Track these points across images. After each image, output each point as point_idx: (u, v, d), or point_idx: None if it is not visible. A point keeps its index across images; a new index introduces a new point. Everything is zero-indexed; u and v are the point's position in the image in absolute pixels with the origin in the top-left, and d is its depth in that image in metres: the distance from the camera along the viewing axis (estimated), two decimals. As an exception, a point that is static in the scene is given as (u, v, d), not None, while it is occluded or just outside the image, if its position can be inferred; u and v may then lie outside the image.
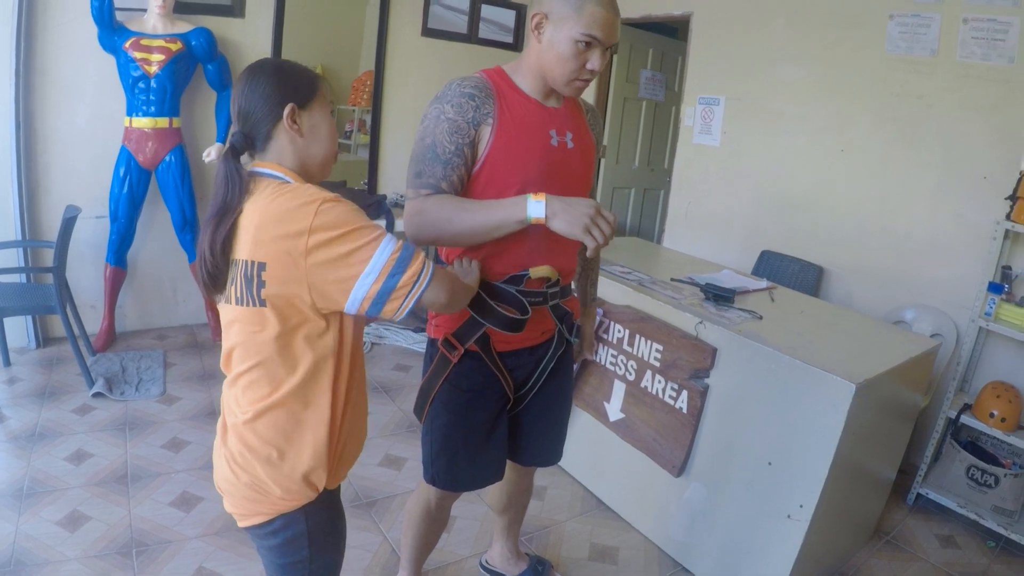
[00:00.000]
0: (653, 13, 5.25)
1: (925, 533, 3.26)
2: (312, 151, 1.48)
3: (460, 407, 1.96)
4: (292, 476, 1.45)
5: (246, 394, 1.44)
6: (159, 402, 3.73)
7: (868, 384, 2.29)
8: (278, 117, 1.41)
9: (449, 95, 1.74)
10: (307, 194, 1.33)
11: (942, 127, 3.63)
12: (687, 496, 2.76)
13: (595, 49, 1.72)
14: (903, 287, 3.83)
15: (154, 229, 4.47)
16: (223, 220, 1.36)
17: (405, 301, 1.38)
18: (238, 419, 1.45)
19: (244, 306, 1.37)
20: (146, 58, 3.92)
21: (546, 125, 1.83)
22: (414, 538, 2.25)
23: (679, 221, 5.19)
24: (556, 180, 1.83)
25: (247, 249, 1.34)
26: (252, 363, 1.41)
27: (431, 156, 1.73)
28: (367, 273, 1.33)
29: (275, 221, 1.32)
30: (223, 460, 1.50)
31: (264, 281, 1.33)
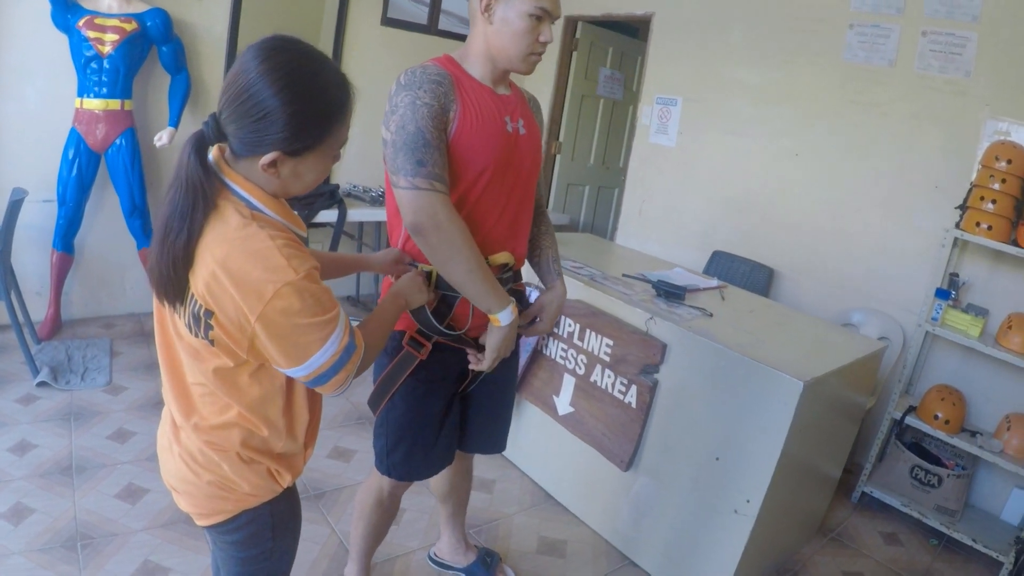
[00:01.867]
0: (614, 12, 5.27)
1: (869, 530, 3.32)
2: (287, 189, 1.32)
3: (417, 398, 1.95)
4: (260, 473, 1.42)
5: (204, 402, 1.38)
6: (105, 392, 3.64)
7: (816, 382, 2.32)
8: (259, 152, 1.22)
9: (418, 81, 1.69)
10: (271, 266, 1.20)
11: (896, 136, 3.70)
12: (635, 490, 2.77)
13: (545, 22, 1.76)
14: (852, 290, 3.90)
15: (102, 214, 4.36)
16: (178, 237, 1.21)
17: (334, 391, 1.36)
18: (198, 423, 1.38)
19: (193, 336, 1.30)
20: (100, 38, 3.82)
21: (501, 112, 1.83)
22: (364, 529, 2.23)
23: (632, 219, 5.21)
24: (512, 166, 1.85)
25: (200, 287, 1.23)
26: (203, 380, 1.35)
27: (423, 143, 1.65)
28: (303, 367, 1.28)
29: (231, 280, 1.20)
30: (177, 458, 1.42)
31: (212, 326, 1.25)
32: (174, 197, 1.21)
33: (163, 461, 1.48)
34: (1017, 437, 3.12)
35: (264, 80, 1.17)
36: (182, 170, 1.20)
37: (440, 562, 2.64)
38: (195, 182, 1.20)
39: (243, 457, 1.39)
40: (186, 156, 1.20)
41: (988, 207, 3.11)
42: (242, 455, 1.39)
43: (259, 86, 1.17)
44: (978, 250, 3.38)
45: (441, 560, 2.64)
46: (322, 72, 1.25)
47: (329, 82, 1.26)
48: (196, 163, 1.20)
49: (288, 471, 1.47)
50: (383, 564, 2.63)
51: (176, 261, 1.22)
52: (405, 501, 2.88)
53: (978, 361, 3.42)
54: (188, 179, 1.20)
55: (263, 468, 1.42)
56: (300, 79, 1.21)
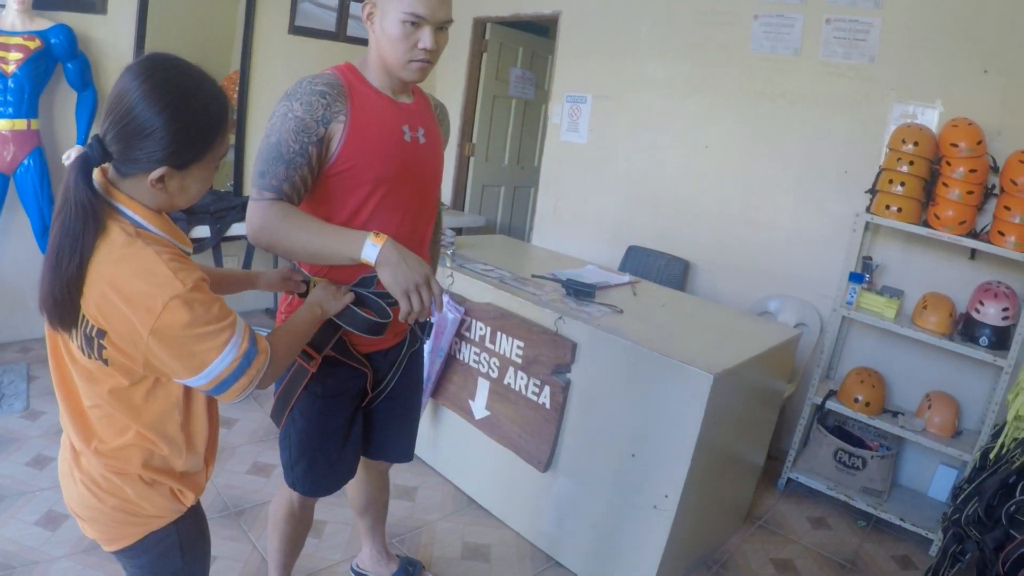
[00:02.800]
0: (522, 12, 5.27)
1: (797, 516, 3.36)
2: (172, 203, 1.34)
3: (316, 413, 1.93)
4: (163, 493, 1.43)
5: (100, 427, 1.37)
6: (22, 417, 3.54)
7: (727, 373, 2.34)
8: (146, 169, 1.24)
9: (299, 93, 1.69)
10: (158, 281, 1.22)
11: (805, 123, 3.76)
12: (555, 491, 2.77)
13: (423, 27, 1.71)
14: (768, 279, 3.95)
15: (14, 236, 4.23)
16: (71, 261, 1.21)
17: (235, 398, 1.35)
18: (98, 446, 1.38)
19: (86, 357, 1.30)
20: (3, 57, 3.72)
21: (398, 120, 1.82)
22: (280, 541, 2.20)
23: (548, 218, 5.23)
24: (410, 176, 1.83)
25: (91, 307, 1.24)
26: (99, 403, 1.35)
27: (275, 155, 1.67)
28: (202, 376, 1.29)
29: (121, 297, 1.22)
30: (79, 485, 1.41)
31: (104, 346, 1.26)
32: (64, 221, 1.22)
33: (65, 488, 1.47)
34: (938, 415, 3.20)
35: (146, 100, 1.20)
36: (70, 193, 1.21)
37: (362, 574, 2.62)
38: (84, 204, 1.21)
39: (145, 479, 1.40)
40: (72, 179, 1.22)
41: (897, 190, 3.16)
42: (144, 477, 1.39)
43: (142, 106, 1.20)
44: (890, 233, 3.44)
45: (363, 572, 2.62)
46: (202, 87, 1.29)
47: (209, 97, 1.29)
48: (84, 185, 1.22)
49: (191, 490, 1.47)
50: (305, 578, 2.61)
51: (70, 285, 1.23)
52: (325, 514, 2.86)
53: (895, 342, 3.48)
54: (77, 202, 1.21)
55: (166, 488, 1.43)
56: (181, 96, 1.24)
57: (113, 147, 1.23)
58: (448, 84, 5.67)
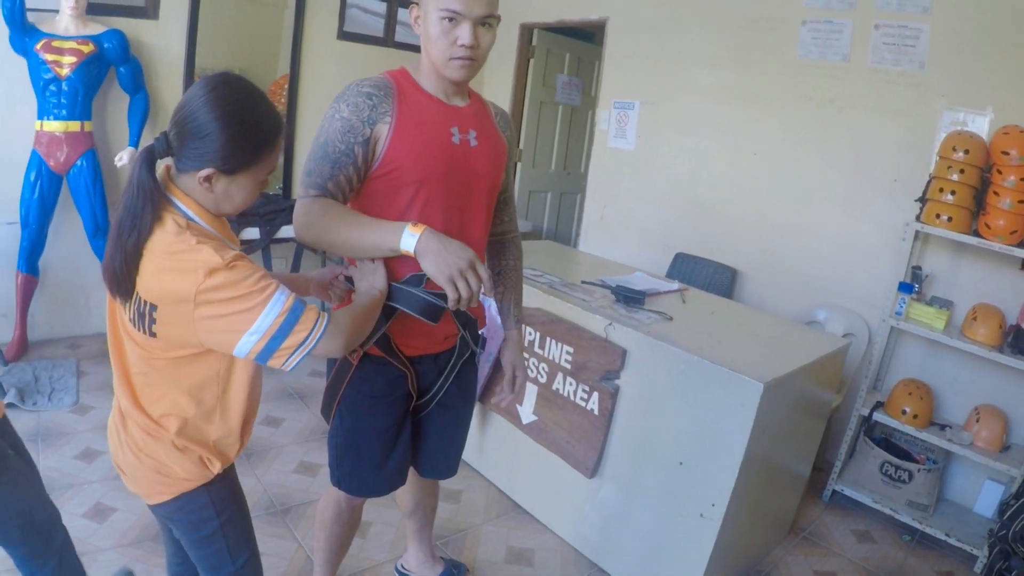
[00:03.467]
0: (568, 18, 5.28)
1: (841, 529, 3.32)
2: (219, 207, 1.46)
3: (363, 412, 1.94)
4: (192, 460, 1.56)
5: (143, 392, 1.52)
6: (72, 412, 3.61)
7: (776, 383, 2.32)
8: (198, 168, 1.38)
9: (347, 95, 1.73)
10: (199, 259, 1.34)
11: (853, 131, 3.72)
12: (601, 497, 2.77)
13: (462, 23, 1.70)
14: (815, 288, 3.91)
15: (66, 235, 4.32)
16: (130, 236, 1.36)
17: (291, 358, 1.44)
18: (140, 411, 1.53)
19: (137, 330, 1.43)
20: (57, 60, 3.81)
21: (447, 122, 1.82)
22: (327, 541, 2.22)
23: (595, 224, 5.23)
24: (458, 177, 1.83)
25: (144, 285, 1.38)
26: (145, 370, 1.50)
27: (321, 155, 1.72)
28: (251, 332, 1.38)
29: (167, 275, 1.36)
30: (123, 445, 1.58)
31: (155, 319, 1.39)
32: (127, 202, 1.37)
33: (112, 445, 1.64)
34: (986, 429, 3.14)
35: (206, 106, 1.35)
36: (134, 178, 1.37)
37: (407, 575, 2.63)
38: (145, 188, 1.36)
39: (177, 445, 1.54)
40: (138, 166, 1.37)
41: (947, 198, 3.11)
42: (176, 443, 1.53)
43: (202, 111, 1.35)
44: (940, 242, 3.39)
45: (408, 573, 2.63)
46: (259, 106, 1.43)
47: (263, 115, 1.43)
48: (147, 172, 1.37)
49: (219, 459, 1.61)
50: (350, 578, 2.63)
51: (127, 258, 1.37)
52: (371, 514, 2.88)
53: (944, 354, 3.43)
54: (139, 186, 1.36)
55: (195, 455, 1.57)
56: (238, 109, 1.38)
57: (175, 143, 1.38)
58: (495, 90, 5.67)
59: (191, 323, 1.37)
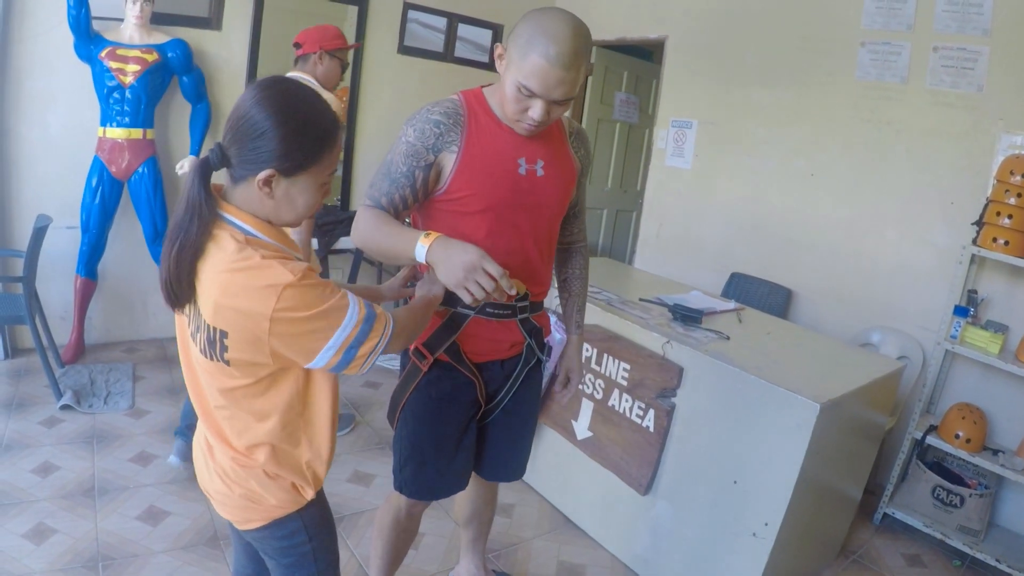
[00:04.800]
0: (628, 36, 5.31)
1: (891, 552, 3.28)
2: (279, 215, 1.40)
3: (428, 416, 1.97)
4: (284, 487, 1.52)
5: (227, 426, 1.48)
6: (127, 415, 3.69)
7: (832, 404, 2.31)
8: (255, 171, 1.32)
9: (417, 119, 1.78)
10: (270, 276, 1.29)
11: (911, 153, 3.70)
12: (654, 514, 2.77)
13: (535, 100, 1.69)
14: (870, 310, 3.88)
15: (125, 241, 4.42)
16: (183, 251, 1.31)
17: (365, 363, 1.43)
18: (225, 444, 1.50)
19: (208, 360, 1.39)
20: (122, 68, 3.91)
21: (515, 153, 1.82)
22: (383, 548, 2.23)
23: (650, 242, 5.23)
24: (522, 207, 1.85)
25: (209, 313, 1.32)
26: (225, 403, 1.45)
27: (384, 172, 1.80)
28: (327, 348, 1.36)
29: (237, 297, 1.29)
30: (212, 473, 1.54)
31: (227, 346, 1.34)
32: (177, 218, 1.33)
33: (199, 470, 1.62)
34: (1040, 455, 3.10)
35: (259, 104, 1.31)
36: (187, 191, 1.33)
37: None
38: (194, 204, 1.31)
39: (268, 473, 1.50)
40: (191, 178, 1.33)
41: (1005, 222, 3.09)
42: (267, 471, 1.49)
43: (255, 109, 1.30)
44: (996, 266, 3.36)
45: (460, 584, 2.65)
46: (313, 104, 1.38)
47: (318, 112, 1.38)
48: (199, 185, 1.32)
49: (311, 484, 1.56)
50: (403, 588, 2.65)
51: (179, 271, 1.33)
52: (425, 525, 2.89)
53: (999, 378, 3.38)
54: (189, 200, 1.32)
55: (287, 483, 1.52)
56: (292, 106, 1.34)
57: (230, 150, 1.33)
58: None
59: (265, 345, 1.32)
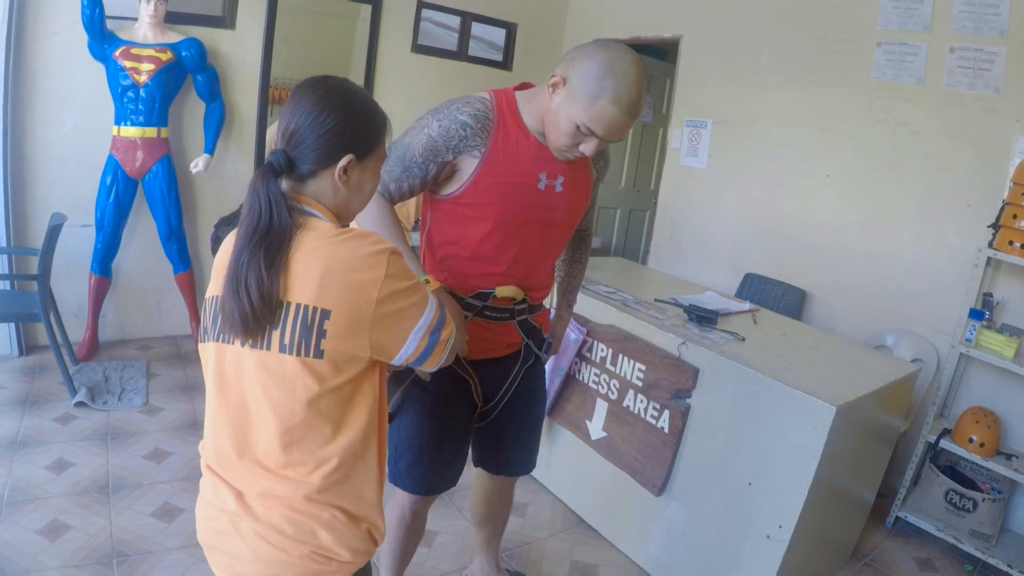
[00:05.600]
0: (642, 35, 5.30)
1: (903, 556, 3.27)
2: (350, 204, 1.38)
3: (429, 411, 1.98)
4: (361, 534, 1.33)
5: (297, 450, 1.27)
6: (141, 412, 3.70)
7: (848, 407, 2.31)
8: (333, 161, 1.30)
9: (444, 114, 1.74)
10: (374, 241, 1.27)
11: (927, 154, 3.68)
12: (667, 515, 2.76)
13: (592, 139, 1.70)
14: (885, 312, 3.87)
15: (139, 239, 4.45)
16: (271, 247, 1.22)
17: (444, 355, 1.39)
18: (281, 485, 1.27)
19: (295, 355, 1.22)
20: (136, 67, 3.92)
21: (537, 167, 1.81)
22: (391, 547, 2.24)
23: (664, 242, 5.23)
24: (534, 223, 1.85)
25: (309, 292, 1.22)
26: (296, 421, 1.25)
27: (398, 156, 1.78)
28: (418, 328, 1.32)
29: (346, 267, 1.23)
30: (253, 538, 1.28)
31: (326, 331, 1.22)
32: (251, 221, 1.23)
33: (224, 548, 1.33)
34: (1055, 460, 3.09)
35: (325, 101, 1.29)
36: (260, 193, 1.24)
37: None
38: (275, 198, 1.24)
39: (348, 513, 1.31)
40: (261, 183, 1.25)
41: (1021, 225, 3.07)
42: (347, 509, 1.31)
43: (322, 105, 1.28)
44: (1012, 269, 3.34)
45: (473, 584, 2.65)
46: (364, 94, 1.39)
47: (371, 101, 1.39)
48: (274, 184, 1.26)
49: (381, 528, 1.39)
50: (415, 587, 2.65)
51: (271, 258, 1.22)
52: (438, 524, 2.90)
53: (1013, 382, 3.36)
54: (269, 198, 1.24)
55: (364, 527, 1.35)
56: (351, 96, 1.33)
57: (298, 150, 1.29)
58: None
59: (366, 322, 1.24)
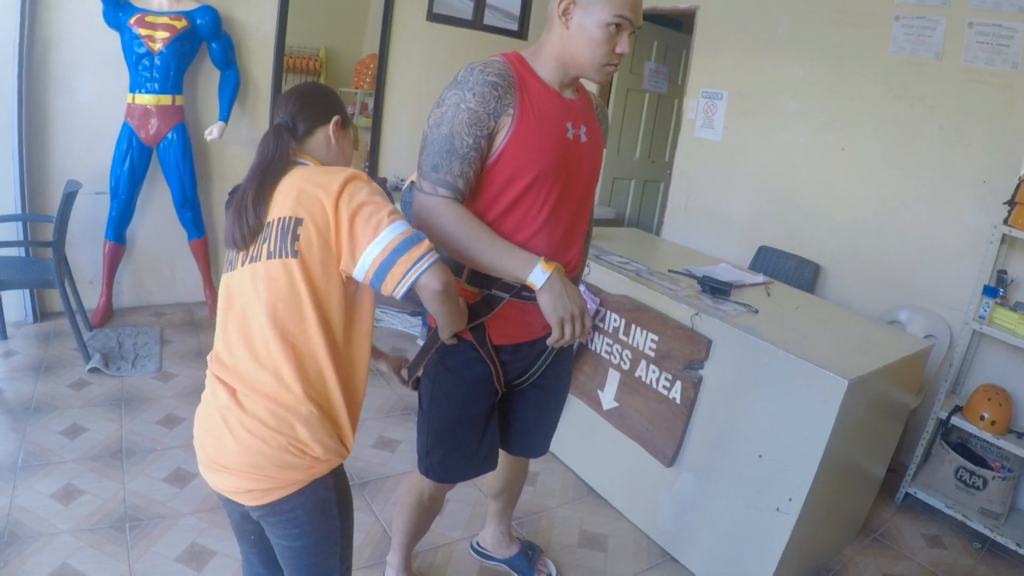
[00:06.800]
0: (659, 6, 5.26)
1: (912, 532, 3.28)
2: (335, 158, 1.68)
3: (460, 398, 1.94)
4: (330, 434, 1.48)
5: (274, 351, 1.43)
6: (155, 378, 3.74)
7: (860, 381, 2.30)
8: (324, 121, 1.64)
9: (471, 81, 1.66)
10: (341, 169, 1.50)
11: (943, 130, 3.65)
12: (677, 486, 2.78)
13: (624, 32, 1.70)
14: (899, 287, 3.85)
15: (153, 206, 4.47)
16: (267, 175, 1.50)
17: (403, 280, 1.42)
18: (269, 378, 1.44)
19: (276, 258, 1.43)
20: (151, 35, 3.92)
21: (563, 117, 1.79)
22: (404, 524, 2.25)
23: (678, 214, 5.20)
24: (568, 174, 1.81)
25: (288, 207, 1.45)
26: (279, 317, 1.44)
27: (448, 148, 1.67)
28: (376, 242, 1.41)
29: (315, 183, 1.46)
30: (237, 430, 1.44)
31: (299, 235, 1.42)
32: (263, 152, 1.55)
33: (215, 442, 1.48)
34: (1066, 439, 3.08)
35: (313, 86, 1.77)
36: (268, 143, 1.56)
37: (483, 552, 2.67)
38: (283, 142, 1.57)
39: (322, 408, 1.47)
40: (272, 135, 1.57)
41: (1037, 203, 3.05)
42: (322, 405, 1.47)
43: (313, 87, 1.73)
44: (1027, 247, 3.32)
45: (484, 551, 2.67)
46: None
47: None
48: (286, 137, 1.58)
49: (351, 434, 1.55)
50: (425, 553, 2.67)
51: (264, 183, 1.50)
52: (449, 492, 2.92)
53: (1026, 361, 3.36)
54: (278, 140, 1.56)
55: (332, 429, 1.49)
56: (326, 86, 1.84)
57: (300, 115, 1.62)
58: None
59: (330, 223, 1.43)
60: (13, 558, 2.37)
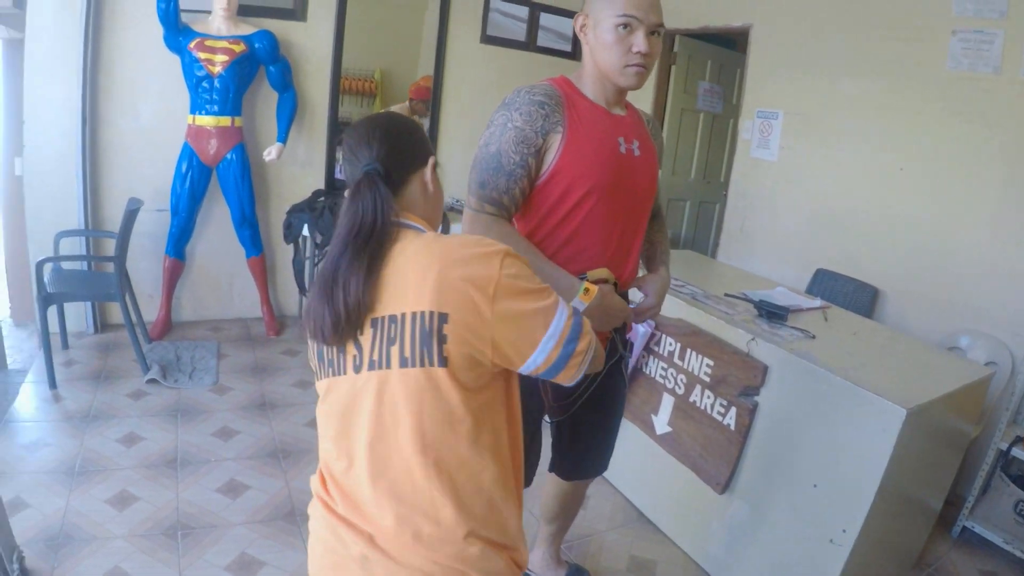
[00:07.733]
0: (712, 24, 5.23)
1: (968, 568, 3.18)
2: (434, 207, 1.40)
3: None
4: (506, 566, 1.28)
5: (423, 487, 1.21)
6: (211, 391, 3.82)
7: (919, 410, 2.25)
8: (422, 163, 1.35)
9: (518, 102, 1.74)
10: (486, 242, 1.23)
11: (1004, 148, 3.55)
12: (730, 514, 2.74)
13: (637, 31, 1.73)
14: (959, 312, 3.75)
15: (213, 224, 4.60)
16: (374, 250, 1.21)
17: (580, 369, 1.27)
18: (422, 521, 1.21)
19: (417, 366, 1.18)
20: (210, 59, 4.03)
21: (614, 132, 1.84)
22: None
23: (734, 235, 5.15)
24: (622, 188, 1.84)
25: (426, 298, 1.17)
26: (428, 442, 1.20)
27: (495, 166, 1.73)
28: (548, 338, 1.21)
29: (459, 263, 1.18)
30: None
31: (446, 336, 1.16)
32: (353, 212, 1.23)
33: None
34: None
35: (396, 121, 1.39)
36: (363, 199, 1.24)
37: (530, 575, 2.66)
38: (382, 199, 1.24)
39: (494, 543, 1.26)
40: (367, 188, 1.24)
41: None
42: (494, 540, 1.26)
43: (399, 124, 1.37)
44: (1094, 271, 3.23)
45: (531, 573, 2.66)
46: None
47: None
48: (384, 190, 1.25)
49: (525, 552, 1.35)
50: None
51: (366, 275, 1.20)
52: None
53: (1091, 390, 3.25)
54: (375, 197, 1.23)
55: (507, 557, 1.29)
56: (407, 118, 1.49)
57: (390, 158, 1.29)
58: (637, 96, 5.54)
59: (487, 325, 1.17)
60: (66, 559, 2.45)
